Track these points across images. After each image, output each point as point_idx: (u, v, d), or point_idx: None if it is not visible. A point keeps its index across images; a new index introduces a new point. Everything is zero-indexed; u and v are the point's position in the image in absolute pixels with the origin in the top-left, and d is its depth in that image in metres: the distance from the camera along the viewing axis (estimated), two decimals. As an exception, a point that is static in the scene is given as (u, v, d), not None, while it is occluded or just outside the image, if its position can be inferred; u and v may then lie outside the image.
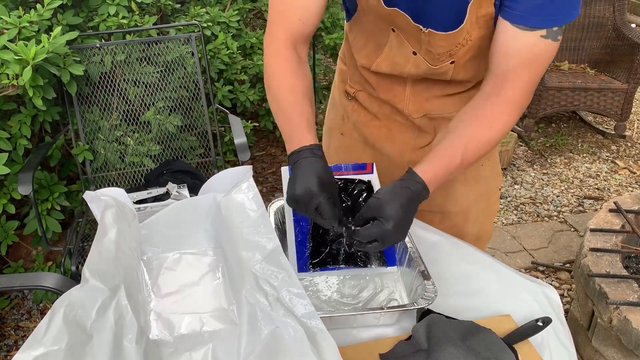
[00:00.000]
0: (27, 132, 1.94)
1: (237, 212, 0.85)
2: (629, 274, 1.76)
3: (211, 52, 2.51)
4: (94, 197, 0.88)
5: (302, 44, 1.09)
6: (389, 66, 1.16)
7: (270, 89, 1.07)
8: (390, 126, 1.27)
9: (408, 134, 1.26)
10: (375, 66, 1.18)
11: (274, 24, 1.08)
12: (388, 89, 1.22)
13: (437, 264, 1.02)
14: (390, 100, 1.23)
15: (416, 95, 1.20)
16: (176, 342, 0.85)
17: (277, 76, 1.06)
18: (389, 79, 1.21)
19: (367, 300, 0.98)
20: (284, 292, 0.78)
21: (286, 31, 1.06)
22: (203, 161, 2.45)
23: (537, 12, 0.91)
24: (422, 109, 1.21)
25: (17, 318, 2.26)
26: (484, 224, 1.37)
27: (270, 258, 0.81)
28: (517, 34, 0.94)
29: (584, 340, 1.86)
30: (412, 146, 1.27)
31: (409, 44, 1.09)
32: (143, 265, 0.91)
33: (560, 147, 3.60)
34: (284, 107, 1.04)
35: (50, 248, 1.98)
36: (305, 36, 1.09)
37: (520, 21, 0.93)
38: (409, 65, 1.12)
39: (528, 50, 0.95)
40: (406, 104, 1.22)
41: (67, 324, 0.68)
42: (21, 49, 1.65)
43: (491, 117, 1.00)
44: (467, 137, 1.00)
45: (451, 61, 1.08)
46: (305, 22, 1.06)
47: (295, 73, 1.06)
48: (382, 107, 1.27)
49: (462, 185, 1.28)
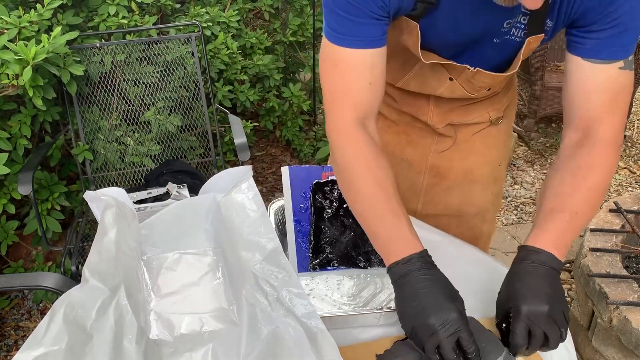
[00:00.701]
0: (27, 132, 1.94)
1: (237, 212, 0.85)
2: (629, 274, 1.76)
3: (211, 52, 2.51)
4: (94, 197, 0.88)
5: (371, 119, 0.95)
6: (418, 86, 1.12)
7: (351, 186, 0.92)
8: (409, 132, 1.26)
9: (428, 139, 1.25)
10: (403, 84, 1.14)
11: (338, 102, 0.94)
12: (411, 103, 1.20)
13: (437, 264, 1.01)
14: (412, 113, 1.22)
15: (440, 108, 1.19)
16: (176, 342, 0.84)
17: (357, 169, 0.91)
18: (413, 95, 1.18)
19: (367, 300, 0.98)
20: (284, 292, 0.78)
21: (356, 107, 0.93)
22: (203, 161, 2.45)
23: (610, 43, 0.87)
24: (446, 120, 1.21)
25: (17, 318, 2.26)
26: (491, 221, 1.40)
27: (270, 258, 0.81)
28: (594, 70, 0.89)
29: (584, 340, 1.86)
30: (434, 150, 1.26)
31: (447, 71, 1.04)
32: (143, 265, 0.91)
33: (560, 147, 3.60)
34: (375, 205, 0.88)
35: (50, 248, 1.98)
36: (376, 106, 0.96)
37: (592, 55, 0.88)
38: (442, 89, 1.09)
39: (611, 84, 0.89)
40: (430, 117, 1.21)
41: (67, 324, 0.68)
42: (21, 49, 1.65)
43: (592, 163, 0.90)
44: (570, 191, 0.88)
45: (488, 89, 1.08)
46: (375, 86, 0.93)
47: (378, 163, 0.91)
48: (402, 116, 1.25)
49: (481, 186, 1.29)
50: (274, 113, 3.02)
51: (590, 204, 0.88)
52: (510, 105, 1.28)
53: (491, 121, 1.23)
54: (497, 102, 1.21)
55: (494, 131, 1.26)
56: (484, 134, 1.25)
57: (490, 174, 1.29)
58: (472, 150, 1.25)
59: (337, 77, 0.93)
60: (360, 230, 1.08)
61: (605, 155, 0.90)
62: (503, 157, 1.32)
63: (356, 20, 0.88)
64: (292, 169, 1.14)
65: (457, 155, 1.26)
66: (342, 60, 0.92)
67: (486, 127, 1.24)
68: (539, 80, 3.32)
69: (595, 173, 0.89)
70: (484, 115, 1.22)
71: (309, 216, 1.10)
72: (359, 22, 0.88)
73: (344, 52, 0.91)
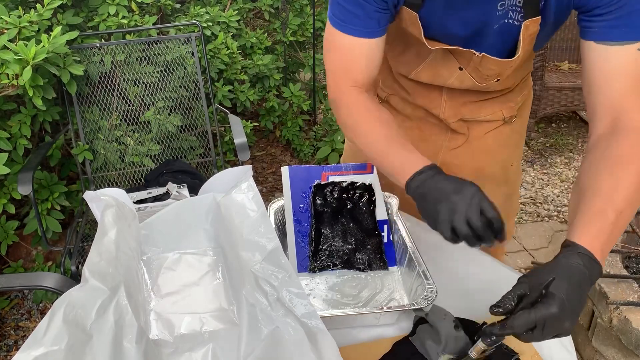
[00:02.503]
0: (27, 132, 1.94)
1: (237, 212, 0.85)
2: (629, 274, 1.76)
3: (211, 52, 2.51)
4: (94, 197, 0.88)
5: (370, 92, 1.06)
6: (430, 77, 1.14)
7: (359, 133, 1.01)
8: (422, 127, 1.26)
9: (441, 135, 1.26)
10: (415, 75, 1.16)
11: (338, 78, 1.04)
12: (424, 95, 1.21)
13: (437, 264, 1.02)
14: (425, 105, 1.22)
15: (452, 100, 1.19)
16: (176, 342, 0.84)
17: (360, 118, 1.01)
18: (426, 87, 1.19)
19: (367, 300, 0.98)
20: (284, 292, 0.78)
21: (355, 84, 1.03)
22: (203, 161, 2.45)
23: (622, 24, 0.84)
24: (459, 114, 1.21)
25: (17, 318, 2.26)
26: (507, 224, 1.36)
27: (270, 258, 0.81)
28: (609, 52, 0.85)
29: (584, 340, 1.86)
30: (446, 147, 1.26)
31: (456, 60, 1.06)
32: (143, 265, 0.91)
33: (560, 147, 3.60)
34: (381, 141, 0.98)
35: (50, 248, 1.98)
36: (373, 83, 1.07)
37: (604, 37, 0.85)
38: (453, 78, 1.10)
39: (629, 67, 0.85)
40: (442, 110, 1.21)
41: (67, 324, 0.68)
42: (21, 49, 1.65)
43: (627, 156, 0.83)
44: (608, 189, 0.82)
45: (497, 79, 1.08)
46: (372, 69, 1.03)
47: (378, 107, 1.02)
48: (416, 110, 1.25)
49: (491, 185, 1.27)
50: (274, 113, 3.02)
51: (632, 201, 0.81)
52: (524, 106, 1.27)
53: (504, 120, 1.23)
54: (511, 100, 1.21)
55: (507, 130, 1.25)
56: (497, 132, 1.24)
57: (501, 174, 1.28)
58: (484, 148, 1.25)
59: (337, 59, 1.04)
60: (361, 235, 1.08)
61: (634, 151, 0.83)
62: (515, 157, 1.31)
63: (356, 12, 0.96)
64: (292, 169, 1.14)
65: (469, 152, 1.25)
66: (342, 45, 1.01)
67: (499, 125, 1.24)
68: (539, 80, 3.32)
69: (632, 167, 0.82)
70: (497, 113, 1.21)
71: (309, 217, 1.10)
72: (358, 14, 0.96)
73: (344, 38, 1.00)
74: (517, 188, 1.37)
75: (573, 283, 0.72)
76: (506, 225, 0.83)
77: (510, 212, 1.38)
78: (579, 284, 0.73)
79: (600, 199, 0.80)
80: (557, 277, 0.72)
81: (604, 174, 0.83)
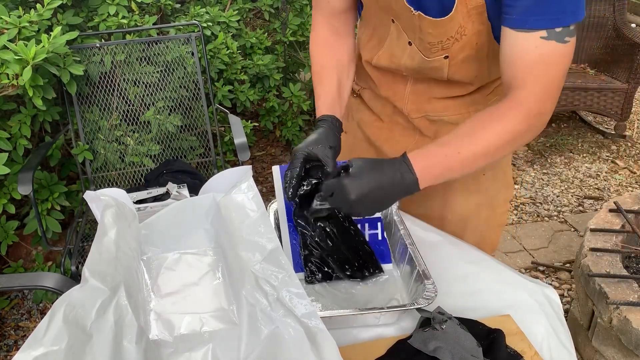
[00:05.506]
0: (27, 132, 1.94)
1: (237, 212, 0.85)
2: (629, 274, 1.76)
3: (211, 52, 2.51)
4: (94, 197, 0.88)
5: (337, 19, 1.20)
6: (387, 59, 1.16)
7: (311, 69, 1.21)
8: (392, 128, 1.27)
9: (409, 137, 1.26)
10: (376, 60, 1.18)
11: (313, 13, 1.23)
12: (389, 86, 1.22)
13: (437, 264, 1.02)
14: (390, 98, 1.23)
15: (416, 94, 1.20)
16: (176, 342, 0.84)
17: (313, 57, 1.21)
18: (390, 76, 1.21)
19: (367, 300, 0.98)
20: (284, 292, 0.78)
21: (322, 14, 1.20)
22: (203, 161, 2.46)
23: (531, 12, 0.89)
24: (422, 110, 1.21)
25: (17, 318, 2.26)
26: (487, 234, 1.32)
27: (270, 258, 0.81)
28: (516, 38, 0.92)
29: (584, 340, 1.86)
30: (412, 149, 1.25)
31: (405, 34, 1.09)
32: (143, 265, 0.91)
33: (560, 147, 3.60)
34: (316, 83, 1.16)
35: (50, 248, 1.98)
36: (337, 10, 1.19)
37: (518, 25, 0.91)
38: (405, 56, 1.12)
39: (529, 53, 0.91)
40: (405, 103, 1.21)
41: (67, 324, 0.68)
42: (21, 49, 1.65)
43: (497, 115, 0.95)
44: (470, 136, 0.95)
45: (445, 55, 1.06)
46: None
47: (324, 52, 1.19)
48: (385, 107, 1.27)
49: (462, 193, 1.24)
50: (274, 113, 3.02)
51: (478, 159, 0.95)
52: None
53: None
54: (479, 102, 1.18)
55: None
56: None
57: (471, 183, 1.23)
58: None
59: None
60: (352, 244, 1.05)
61: (509, 113, 0.94)
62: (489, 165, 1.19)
63: None
64: (282, 168, 1.09)
65: None
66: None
67: None
68: (539, 80, 3.32)
69: (497, 125, 0.94)
70: (464, 115, 1.18)
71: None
72: None
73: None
74: (500, 199, 1.29)
75: (374, 169, 0.92)
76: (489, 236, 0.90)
77: (491, 223, 1.31)
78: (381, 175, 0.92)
79: (453, 134, 0.97)
80: (363, 161, 0.94)
81: (474, 119, 0.97)
